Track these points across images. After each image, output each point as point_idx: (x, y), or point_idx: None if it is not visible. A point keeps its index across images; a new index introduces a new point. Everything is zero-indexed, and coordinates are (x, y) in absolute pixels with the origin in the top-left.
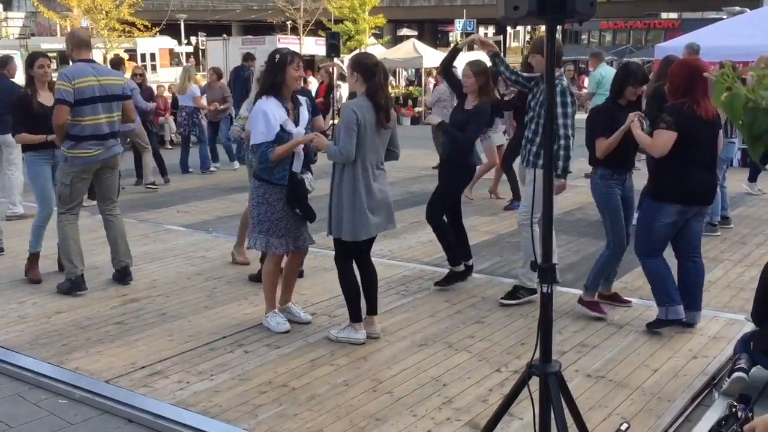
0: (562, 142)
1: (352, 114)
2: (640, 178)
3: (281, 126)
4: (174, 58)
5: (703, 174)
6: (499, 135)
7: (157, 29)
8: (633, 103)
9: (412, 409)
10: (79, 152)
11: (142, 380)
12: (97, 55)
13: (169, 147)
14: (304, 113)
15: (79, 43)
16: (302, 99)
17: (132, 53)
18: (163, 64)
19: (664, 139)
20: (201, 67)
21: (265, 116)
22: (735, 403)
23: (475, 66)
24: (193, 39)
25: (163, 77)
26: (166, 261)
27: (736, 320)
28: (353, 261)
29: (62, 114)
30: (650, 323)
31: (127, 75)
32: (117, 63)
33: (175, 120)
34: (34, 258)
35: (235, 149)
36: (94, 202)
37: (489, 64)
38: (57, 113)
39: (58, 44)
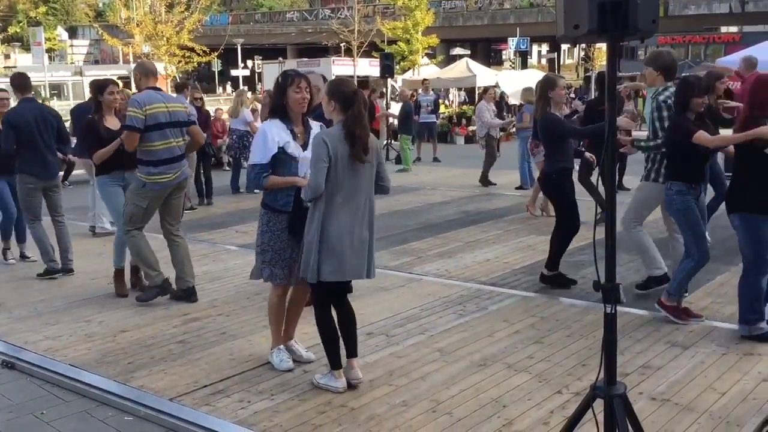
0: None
1: (322, 144)
2: None
3: (282, 148)
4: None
5: None
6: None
7: (216, 53)
8: (700, 114)
9: (471, 430)
10: (157, 178)
11: (205, 399)
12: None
13: (227, 168)
14: None
15: (147, 72)
16: (315, 124)
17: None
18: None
19: None
20: (260, 88)
21: (264, 137)
22: None
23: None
24: (249, 62)
25: None
26: (226, 281)
27: None
28: (330, 306)
29: (133, 140)
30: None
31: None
32: (180, 87)
33: None
34: (120, 273)
35: None
36: None
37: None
38: (128, 140)
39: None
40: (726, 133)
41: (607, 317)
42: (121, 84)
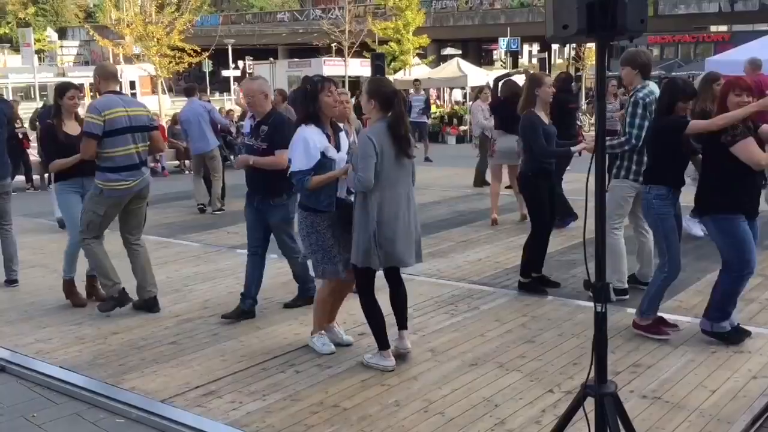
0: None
1: (369, 142)
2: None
3: (323, 153)
4: (156, 85)
5: None
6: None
7: (206, 54)
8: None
9: (464, 430)
10: (115, 185)
11: (197, 400)
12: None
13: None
14: (344, 139)
15: (108, 75)
16: (342, 125)
17: None
18: (144, 93)
19: None
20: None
21: (306, 144)
22: None
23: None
24: (240, 63)
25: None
26: (217, 281)
27: None
28: (374, 291)
29: (90, 148)
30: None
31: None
32: (191, 91)
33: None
34: (71, 284)
35: None
36: None
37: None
38: (85, 147)
39: None
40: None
41: (597, 316)
42: None
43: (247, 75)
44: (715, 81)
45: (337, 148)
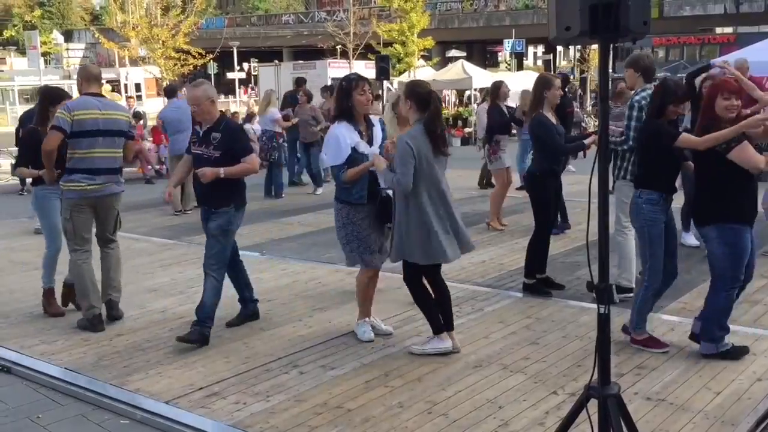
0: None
1: (407, 147)
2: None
3: (354, 148)
4: (161, 87)
5: None
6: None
7: (211, 56)
8: (672, 122)
9: (467, 431)
10: (71, 185)
11: (201, 401)
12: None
13: None
14: (378, 133)
15: (89, 77)
16: (375, 119)
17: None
18: (149, 95)
19: None
20: (255, 92)
21: (336, 140)
22: None
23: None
24: (245, 65)
25: (149, 108)
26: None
27: None
28: (423, 280)
29: (53, 140)
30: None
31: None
32: (171, 92)
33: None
34: (49, 293)
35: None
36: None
37: None
38: (48, 138)
39: None
40: None
41: (600, 318)
42: (110, 87)
43: (252, 77)
44: None
45: (370, 142)
